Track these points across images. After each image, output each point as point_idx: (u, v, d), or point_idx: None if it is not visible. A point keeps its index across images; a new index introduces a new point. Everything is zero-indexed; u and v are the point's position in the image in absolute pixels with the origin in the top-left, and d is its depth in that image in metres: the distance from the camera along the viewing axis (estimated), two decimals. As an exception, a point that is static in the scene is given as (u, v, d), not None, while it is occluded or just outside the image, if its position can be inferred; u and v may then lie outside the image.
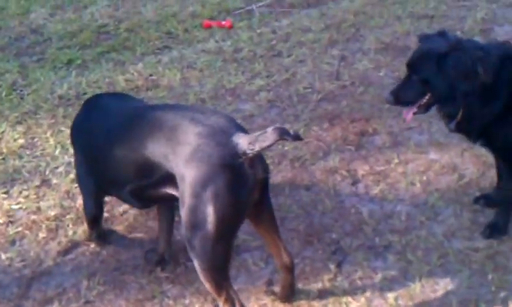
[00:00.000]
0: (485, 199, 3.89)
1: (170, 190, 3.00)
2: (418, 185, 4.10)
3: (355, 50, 5.78)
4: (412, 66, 3.47)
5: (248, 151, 2.71)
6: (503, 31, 5.79)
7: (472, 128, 3.46)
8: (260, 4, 6.80)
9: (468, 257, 3.54)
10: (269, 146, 2.74)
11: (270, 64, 5.64)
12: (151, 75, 5.58)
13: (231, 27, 6.33)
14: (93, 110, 3.53)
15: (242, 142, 2.73)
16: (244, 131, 2.90)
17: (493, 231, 3.66)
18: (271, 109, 5.00)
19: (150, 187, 3.11)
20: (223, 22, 6.40)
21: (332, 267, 3.54)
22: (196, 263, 2.90)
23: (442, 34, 3.51)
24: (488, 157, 3.92)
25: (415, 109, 3.52)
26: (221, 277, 2.92)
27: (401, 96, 3.52)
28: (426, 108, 3.53)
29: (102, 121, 3.34)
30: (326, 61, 5.61)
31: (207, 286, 2.95)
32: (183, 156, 2.81)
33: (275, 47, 5.94)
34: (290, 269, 3.23)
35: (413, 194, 4.03)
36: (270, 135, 2.68)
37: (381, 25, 6.17)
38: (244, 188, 2.79)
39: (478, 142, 3.58)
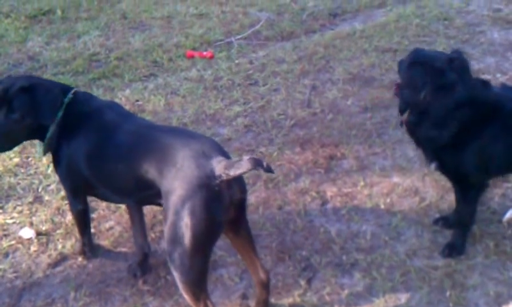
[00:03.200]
0: (444, 221, 3.83)
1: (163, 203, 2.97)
2: (382, 206, 4.03)
3: (325, 80, 5.71)
4: None
5: (223, 175, 2.70)
6: (459, 65, 5.74)
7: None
8: (239, 36, 6.72)
9: (428, 275, 3.47)
10: (242, 173, 2.72)
11: (247, 92, 5.55)
12: (137, 101, 5.47)
13: (212, 57, 6.24)
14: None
15: (219, 166, 2.72)
16: (226, 156, 2.87)
17: (451, 250, 3.60)
18: (247, 134, 4.91)
19: (151, 197, 3.06)
20: (205, 53, 6.31)
21: (302, 283, 3.45)
22: (175, 276, 2.86)
23: None
24: (447, 181, 3.84)
25: None
26: (198, 289, 2.87)
27: None
28: None
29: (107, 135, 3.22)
30: (298, 90, 5.53)
31: (186, 297, 2.90)
32: (168, 176, 2.81)
33: (252, 76, 5.86)
34: (265, 285, 3.16)
35: (377, 215, 3.95)
36: (245, 163, 2.67)
37: (349, 57, 6.11)
38: (220, 207, 2.76)
39: (432, 166, 3.52)
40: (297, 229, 3.86)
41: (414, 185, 4.21)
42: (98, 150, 3.15)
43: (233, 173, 2.68)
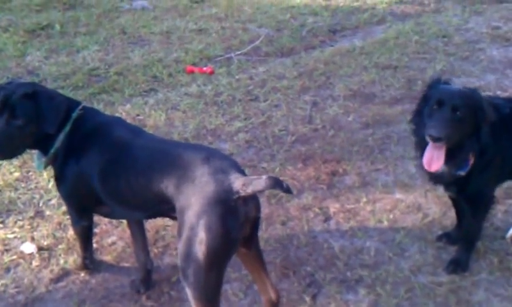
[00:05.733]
0: (447, 237, 3.87)
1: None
2: (385, 222, 4.06)
3: (326, 96, 5.77)
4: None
5: (241, 192, 2.69)
6: (460, 82, 5.81)
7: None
8: (239, 52, 6.80)
9: (433, 291, 3.49)
10: (260, 191, 2.73)
11: (248, 107, 5.60)
12: (138, 115, 5.50)
13: (212, 73, 6.30)
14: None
15: (237, 182, 2.72)
16: (243, 173, 2.87)
17: (456, 267, 3.63)
18: (249, 149, 4.95)
19: (164, 211, 3.07)
20: (205, 68, 6.37)
21: (307, 299, 3.46)
22: (188, 293, 2.83)
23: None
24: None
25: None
26: (211, 306, 2.85)
27: None
28: None
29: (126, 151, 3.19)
30: (299, 106, 5.58)
31: None
32: (185, 191, 2.81)
33: (252, 92, 5.91)
34: (275, 305, 3.16)
35: (381, 231, 3.98)
36: (263, 182, 2.67)
37: (349, 73, 6.18)
38: (236, 223, 2.74)
39: (449, 191, 3.57)
40: (300, 245, 3.88)
41: (417, 201, 4.25)
42: (113, 166, 3.13)
43: (251, 190, 2.68)
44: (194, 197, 2.76)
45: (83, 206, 3.44)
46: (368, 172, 4.60)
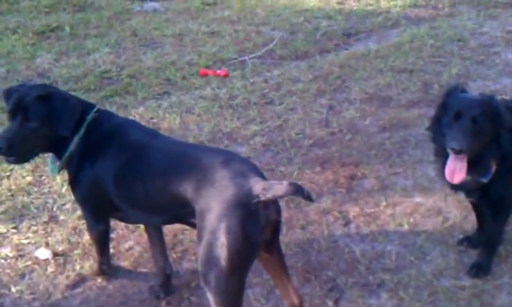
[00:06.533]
0: (468, 241, 3.88)
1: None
2: (406, 226, 4.07)
3: (342, 99, 5.78)
4: None
5: (261, 196, 2.70)
6: (476, 86, 5.84)
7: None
8: (252, 55, 6.82)
9: (455, 295, 3.50)
10: (280, 197, 2.75)
11: (263, 111, 5.62)
12: (152, 118, 5.52)
13: (226, 76, 6.32)
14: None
15: (258, 186, 2.72)
16: (263, 177, 2.88)
17: (478, 270, 3.64)
18: (266, 153, 4.96)
19: (183, 216, 3.07)
20: (219, 71, 6.39)
21: (330, 303, 3.47)
22: (210, 298, 2.83)
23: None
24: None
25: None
26: None
27: None
28: None
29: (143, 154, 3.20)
30: (315, 110, 5.60)
31: None
32: (205, 195, 2.81)
33: (267, 95, 5.93)
34: None
35: (401, 235, 3.99)
36: (284, 187, 2.68)
37: (365, 77, 6.20)
38: (256, 227, 2.75)
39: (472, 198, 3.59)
40: (321, 249, 3.89)
41: (436, 205, 4.25)
42: (129, 170, 3.14)
43: (271, 194, 2.69)
44: (214, 200, 2.76)
45: (99, 210, 3.44)
46: (387, 176, 4.61)
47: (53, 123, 3.25)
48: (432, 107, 5.25)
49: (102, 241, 3.61)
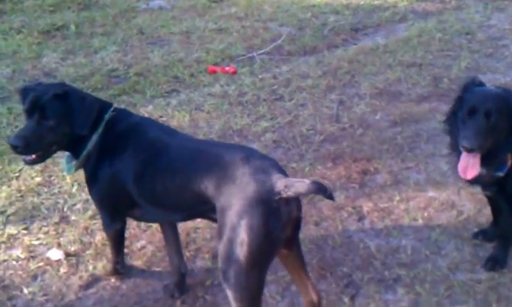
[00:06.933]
0: (483, 235, 3.89)
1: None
2: (420, 221, 4.07)
3: (352, 95, 5.79)
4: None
5: (282, 193, 2.69)
6: (486, 79, 5.72)
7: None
8: (261, 51, 6.83)
9: (472, 288, 3.50)
10: (302, 194, 2.74)
11: (273, 107, 5.62)
12: (161, 117, 5.52)
13: (235, 72, 6.33)
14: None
15: (279, 183, 2.72)
16: (284, 173, 2.87)
17: (494, 264, 3.64)
18: (277, 149, 4.96)
19: (203, 212, 3.08)
20: (227, 68, 6.40)
21: (346, 300, 3.47)
22: (229, 294, 2.82)
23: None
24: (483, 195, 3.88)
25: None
26: None
27: None
28: None
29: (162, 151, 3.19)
30: (325, 105, 5.60)
31: None
32: (226, 191, 2.81)
33: (277, 91, 5.94)
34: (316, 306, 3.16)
35: (416, 230, 3.99)
36: (306, 185, 2.68)
37: (374, 72, 6.21)
38: (278, 224, 2.74)
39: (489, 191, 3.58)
40: (336, 245, 3.89)
41: (450, 199, 4.25)
42: (149, 167, 3.14)
43: (293, 191, 2.68)
44: (235, 197, 2.76)
45: (116, 209, 3.43)
46: (399, 170, 4.61)
47: (70, 122, 3.25)
48: (443, 102, 5.37)
49: (118, 240, 3.60)
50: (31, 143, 3.22)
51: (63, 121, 3.25)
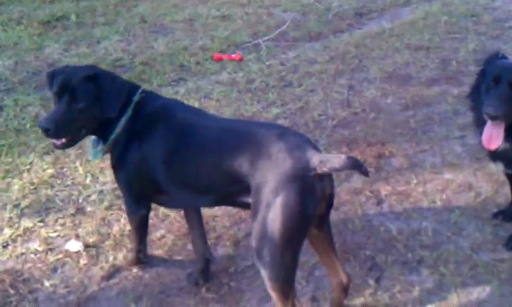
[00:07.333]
0: (503, 215, 3.95)
1: (249, 200, 2.96)
2: (439, 203, 4.14)
3: (361, 79, 5.86)
4: None
5: (318, 169, 2.73)
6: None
7: None
8: (266, 38, 6.88)
9: (495, 268, 3.57)
10: (337, 170, 2.78)
11: (283, 93, 5.68)
12: (170, 106, 5.55)
13: (241, 59, 6.37)
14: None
15: (315, 159, 2.75)
16: (318, 150, 2.91)
17: (516, 243, 3.71)
18: (290, 135, 5.01)
19: (233, 195, 3.07)
20: (233, 55, 6.44)
21: (371, 282, 3.54)
22: (264, 273, 2.86)
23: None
24: (500, 175, 3.97)
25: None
26: (288, 287, 2.89)
27: None
28: None
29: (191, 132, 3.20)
30: (335, 90, 5.67)
31: (274, 295, 2.90)
32: (262, 168, 2.83)
33: (285, 77, 5.99)
34: (346, 288, 3.20)
35: (435, 212, 4.06)
36: (342, 161, 2.71)
37: (382, 56, 6.28)
38: (313, 200, 2.78)
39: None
40: (356, 229, 3.96)
41: (467, 181, 4.33)
42: (180, 150, 3.14)
43: (329, 167, 2.72)
44: (271, 174, 2.78)
45: (142, 195, 3.42)
46: (414, 153, 4.68)
47: (100, 104, 3.25)
48: (452, 84, 5.45)
49: (142, 227, 3.59)
50: (61, 126, 3.21)
51: (93, 103, 3.24)
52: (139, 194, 3.43)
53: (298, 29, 7.11)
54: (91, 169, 4.69)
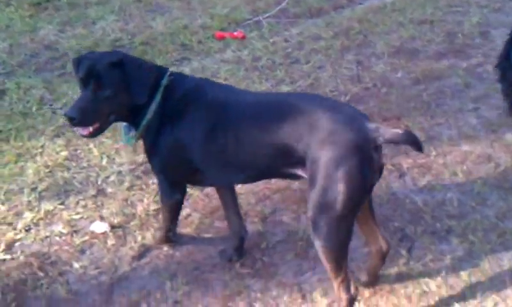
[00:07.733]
0: (525, 184, 4.15)
1: (299, 172, 3.05)
2: (460, 174, 4.32)
3: (368, 54, 6.03)
4: None
5: (376, 140, 2.84)
6: (498, 34, 6.11)
7: None
8: (266, 15, 7.00)
9: (523, 235, 3.77)
10: (394, 142, 2.95)
11: (291, 71, 5.81)
12: (177, 85, 5.64)
13: (244, 37, 6.48)
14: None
15: (374, 130, 2.86)
16: (372, 122, 2.99)
17: (540, 211, 3.91)
18: (304, 112, 5.15)
19: (278, 168, 3.14)
20: (235, 33, 6.54)
21: (403, 252, 3.71)
22: (319, 244, 2.95)
23: None
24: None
25: None
26: (342, 257, 2.99)
27: None
28: None
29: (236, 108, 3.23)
30: (344, 66, 5.83)
31: (328, 266, 3.01)
32: (318, 139, 2.88)
33: (291, 54, 6.13)
34: (384, 256, 3.33)
35: (458, 183, 4.25)
36: (400, 134, 2.85)
37: (386, 31, 6.47)
38: (371, 171, 2.89)
39: None
40: (382, 202, 4.12)
41: (485, 152, 4.53)
42: (218, 129, 3.18)
43: (387, 139, 2.84)
44: (331, 145, 2.85)
45: (178, 178, 3.49)
46: (430, 127, 4.87)
47: (128, 91, 3.24)
48: (459, 58, 5.63)
49: (176, 211, 3.65)
50: (87, 114, 3.19)
51: (120, 90, 3.23)
52: (175, 178, 3.49)
53: (298, 6, 7.24)
54: (105, 150, 4.77)
